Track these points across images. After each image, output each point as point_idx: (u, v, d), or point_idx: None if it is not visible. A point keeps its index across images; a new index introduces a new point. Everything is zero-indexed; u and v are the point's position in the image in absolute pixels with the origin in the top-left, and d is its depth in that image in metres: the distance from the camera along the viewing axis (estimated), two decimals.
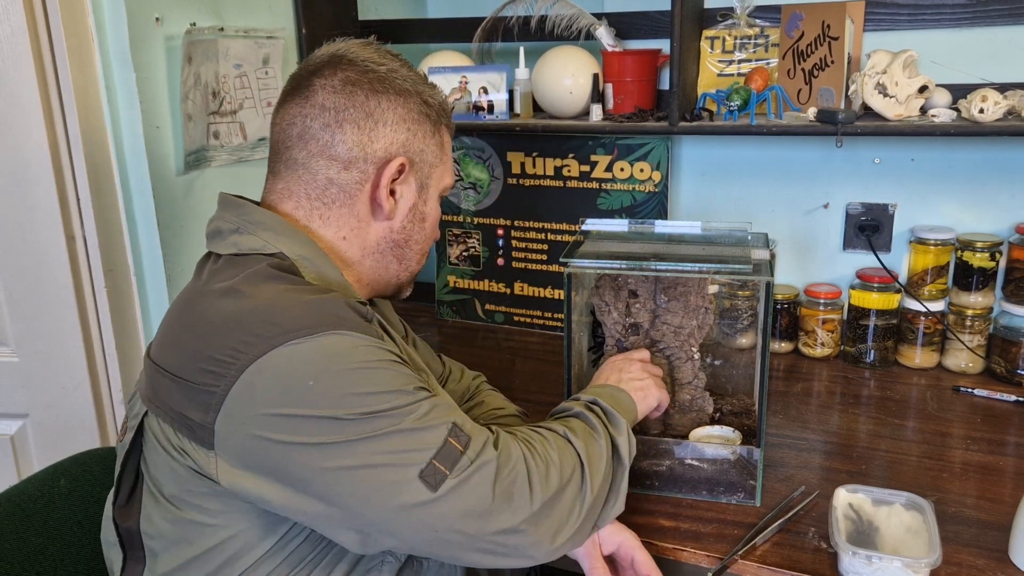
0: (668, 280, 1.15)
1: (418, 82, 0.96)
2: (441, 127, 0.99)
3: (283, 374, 0.74)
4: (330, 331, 0.77)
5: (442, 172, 1.00)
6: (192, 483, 0.79)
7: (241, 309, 0.78)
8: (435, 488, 0.76)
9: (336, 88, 0.91)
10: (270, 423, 0.74)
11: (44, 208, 1.30)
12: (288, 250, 0.88)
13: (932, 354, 1.56)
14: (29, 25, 1.23)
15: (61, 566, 0.97)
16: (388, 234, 0.96)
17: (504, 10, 1.67)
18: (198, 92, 1.40)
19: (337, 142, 0.90)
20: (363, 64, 0.92)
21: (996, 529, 1.04)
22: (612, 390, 1.04)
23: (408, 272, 1.01)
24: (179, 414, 0.78)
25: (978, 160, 1.54)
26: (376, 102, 0.91)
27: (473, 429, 0.82)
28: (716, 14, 1.58)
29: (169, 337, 0.84)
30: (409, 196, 0.96)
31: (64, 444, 1.39)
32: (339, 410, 0.74)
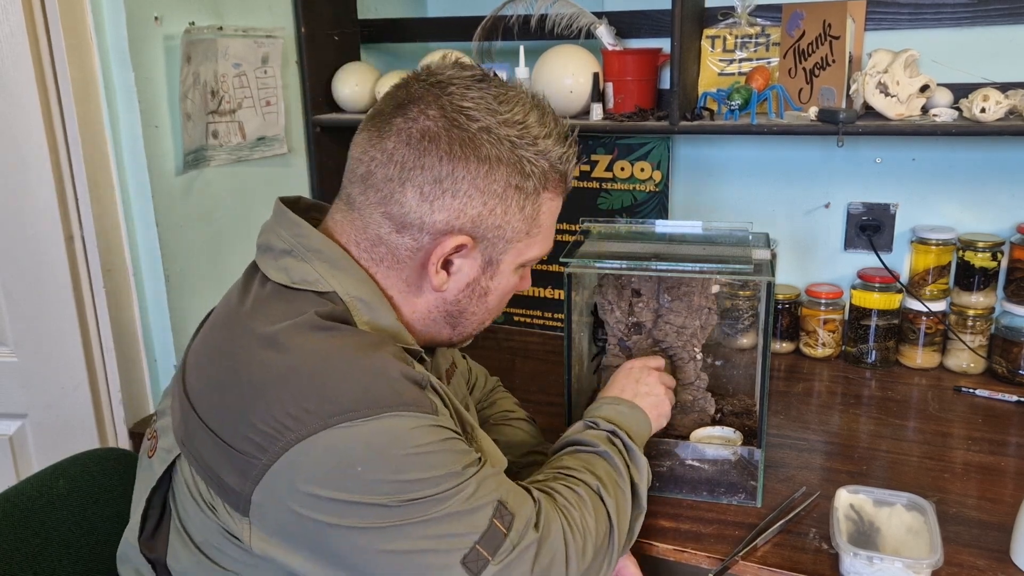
0: (672, 280, 1.14)
1: (519, 144, 0.81)
2: (540, 196, 0.84)
3: (331, 457, 0.70)
4: (383, 413, 0.71)
5: (526, 246, 0.87)
6: (222, 539, 0.76)
7: (285, 369, 0.72)
8: (477, 575, 0.73)
9: (412, 139, 0.79)
10: (312, 503, 0.70)
11: (43, 208, 1.30)
12: (342, 289, 0.80)
13: (933, 354, 1.56)
14: (28, 25, 1.23)
15: (60, 566, 0.96)
16: (440, 304, 0.87)
17: (504, 9, 1.67)
18: (197, 91, 1.40)
19: (395, 201, 0.80)
20: (453, 115, 0.79)
21: (997, 530, 1.04)
22: (629, 409, 1.01)
23: (462, 336, 0.92)
24: (215, 473, 0.73)
25: (979, 160, 1.54)
26: (450, 168, 0.79)
27: (516, 504, 0.77)
28: (717, 13, 1.58)
29: (209, 379, 0.77)
30: (469, 271, 0.85)
31: (63, 444, 1.38)
32: (385, 497, 0.70)
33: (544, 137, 0.83)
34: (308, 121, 1.71)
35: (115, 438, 1.43)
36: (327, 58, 1.73)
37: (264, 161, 1.60)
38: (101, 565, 1.00)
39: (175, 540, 0.80)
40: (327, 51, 1.73)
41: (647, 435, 1.02)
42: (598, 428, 0.97)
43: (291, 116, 1.67)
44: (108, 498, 1.03)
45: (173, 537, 0.80)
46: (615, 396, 1.03)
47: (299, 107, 1.70)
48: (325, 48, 1.72)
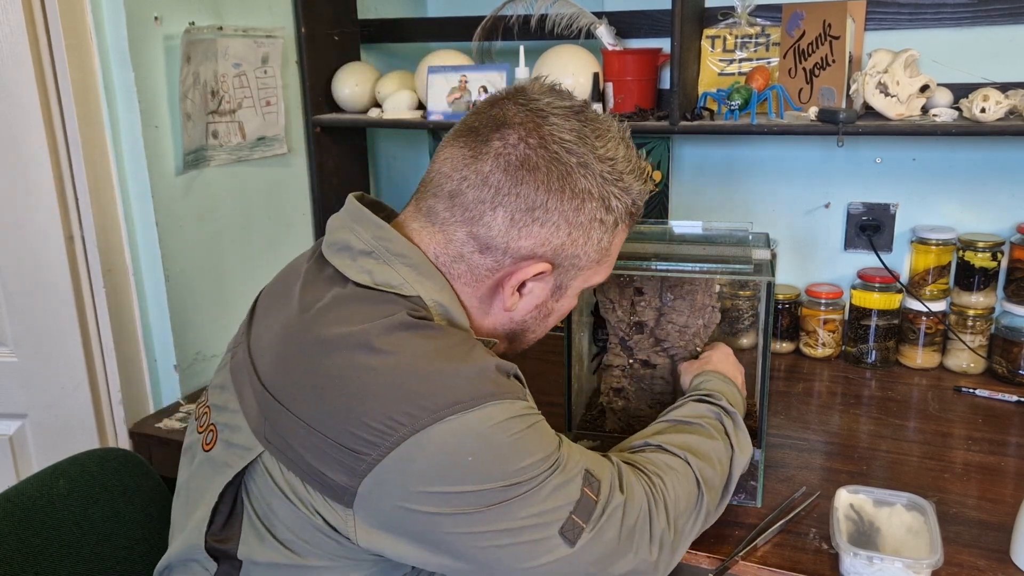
0: (674, 279, 1.14)
1: (609, 180, 0.83)
2: (618, 230, 0.87)
3: (443, 451, 0.72)
4: (486, 402, 0.74)
5: (592, 273, 0.89)
6: (315, 534, 0.76)
7: (390, 370, 0.74)
8: (573, 543, 0.76)
9: (510, 165, 0.80)
10: (423, 497, 0.72)
11: (43, 208, 1.30)
12: (426, 294, 0.81)
13: (933, 354, 1.56)
14: (28, 25, 1.23)
15: (60, 566, 0.96)
16: (506, 322, 0.89)
17: (504, 9, 1.67)
18: (197, 91, 1.40)
19: (484, 223, 0.81)
20: (554, 146, 0.80)
21: (997, 530, 1.04)
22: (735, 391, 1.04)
23: (515, 351, 0.95)
24: (315, 470, 0.73)
25: (979, 160, 1.54)
26: (544, 198, 0.80)
27: (599, 469, 0.81)
28: (717, 13, 1.58)
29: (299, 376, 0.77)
30: (540, 295, 0.87)
31: (63, 444, 1.38)
32: (493, 483, 0.73)
33: (629, 173, 0.85)
34: (308, 121, 1.71)
35: (115, 438, 1.43)
36: (327, 58, 1.73)
37: (264, 161, 1.60)
38: (101, 564, 1.00)
39: (249, 534, 0.80)
40: (327, 51, 1.73)
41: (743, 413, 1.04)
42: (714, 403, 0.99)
43: (291, 116, 1.67)
44: (108, 498, 1.03)
45: (247, 531, 0.80)
46: (720, 372, 1.06)
47: (299, 107, 1.70)
48: (325, 48, 1.72)
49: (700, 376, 1.06)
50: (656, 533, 0.82)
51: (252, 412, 0.79)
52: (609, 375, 1.21)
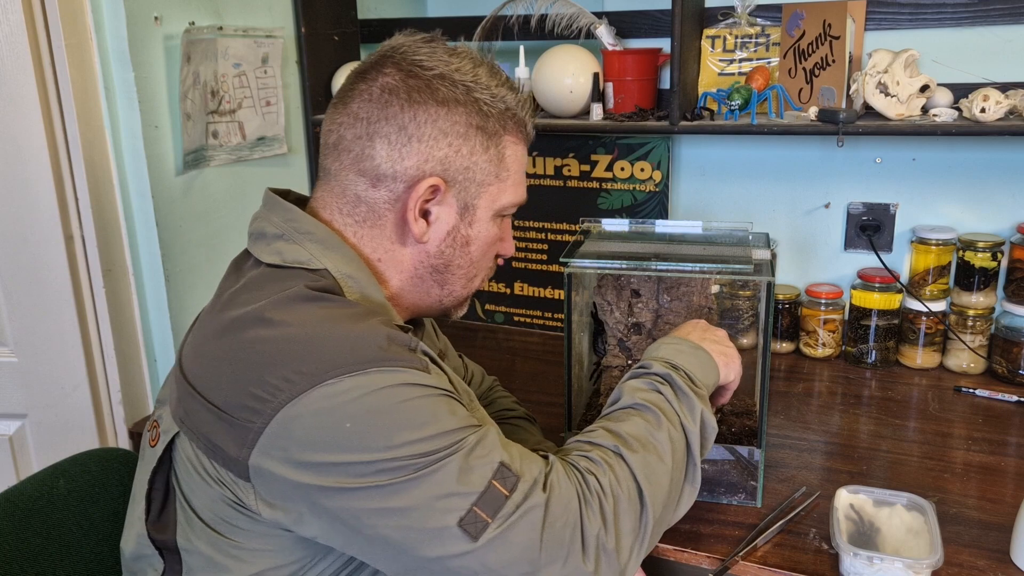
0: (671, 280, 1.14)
1: (473, 88, 0.85)
2: (503, 138, 0.87)
3: (320, 416, 0.70)
4: (370, 367, 0.72)
5: (498, 191, 0.88)
6: (230, 511, 0.77)
7: (279, 339, 0.74)
8: (475, 538, 0.70)
9: (373, 96, 0.84)
10: (307, 467, 0.71)
11: (43, 208, 1.30)
12: (334, 267, 0.83)
13: (933, 354, 1.56)
14: (28, 25, 1.23)
15: (60, 566, 0.96)
16: (424, 258, 0.88)
17: (504, 9, 1.67)
18: (197, 91, 1.40)
19: (367, 156, 0.84)
20: (409, 67, 0.84)
21: (997, 530, 1.04)
22: (691, 348, 0.94)
23: (453, 297, 0.92)
24: (214, 444, 0.75)
25: (979, 160, 1.54)
26: (412, 114, 0.83)
27: (523, 466, 0.75)
28: (717, 13, 1.58)
29: (204, 357, 0.79)
30: (447, 219, 0.87)
31: (63, 444, 1.38)
32: (375, 454, 0.70)
33: (495, 85, 0.87)
34: (308, 121, 1.71)
35: (115, 438, 1.43)
36: (327, 58, 1.73)
37: (264, 161, 1.60)
38: (101, 565, 1.00)
39: (182, 519, 0.81)
40: (327, 51, 1.73)
41: (713, 380, 0.94)
42: (648, 373, 0.90)
43: (291, 116, 1.67)
44: (108, 498, 1.03)
45: (180, 516, 0.81)
46: (677, 336, 0.97)
47: (299, 107, 1.70)
48: (325, 48, 1.72)
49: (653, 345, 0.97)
50: (590, 540, 0.75)
51: (173, 398, 0.81)
52: (608, 376, 1.21)
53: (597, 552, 0.75)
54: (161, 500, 0.83)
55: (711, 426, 0.89)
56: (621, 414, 0.87)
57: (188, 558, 0.81)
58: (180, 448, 0.80)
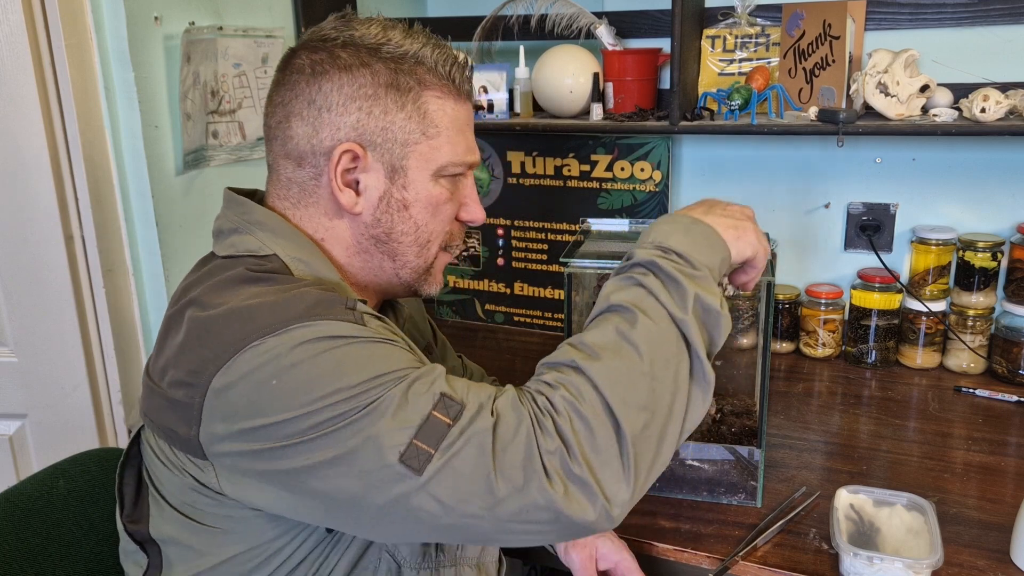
0: None
1: (382, 48, 0.83)
2: (421, 94, 0.83)
3: (246, 379, 0.70)
4: (292, 324, 0.70)
5: (429, 149, 0.84)
6: (196, 496, 0.77)
7: (212, 317, 0.74)
8: (419, 471, 0.66)
9: (284, 80, 0.85)
10: (243, 433, 0.70)
11: (43, 208, 1.30)
12: (283, 251, 0.82)
13: (933, 354, 1.56)
14: (28, 25, 1.23)
15: (60, 567, 0.96)
16: (363, 229, 0.85)
17: (504, 9, 1.67)
18: (197, 91, 1.40)
19: (288, 138, 0.84)
20: (312, 43, 0.85)
21: (997, 530, 1.04)
22: (688, 224, 0.81)
23: (410, 268, 0.88)
24: (169, 429, 0.75)
25: (979, 160, 1.54)
26: (317, 86, 0.82)
27: (468, 395, 0.70)
28: (717, 13, 1.58)
29: (158, 349, 0.80)
30: (376, 184, 0.84)
31: (63, 444, 1.38)
32: (305, 407, 0.68)
33: (411, 44, 0.84)
34: None
35: (115, 438, 1.43)
36: None
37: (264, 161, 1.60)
38: (101, 565, 1.00)
39: (154, 509, 0.82)
40: None
41: (718, 257, 0.80)
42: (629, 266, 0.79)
43: None
44: (108, 498, 1.03)
45: (153, 508, 0.82)
46: (673, 214, 0.85)
47: None
48: None
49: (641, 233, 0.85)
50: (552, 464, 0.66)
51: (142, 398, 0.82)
52: None
53: (564, 478, 0.67)
54: (133, 494, 0.85)
55: (714, 310, 0.75)
56: (593, 324, 0.77)
57: (166, 549, 0.81)
58: (147, 441, 0.82)
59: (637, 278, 0.77)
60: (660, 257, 0.77)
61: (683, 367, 0.73)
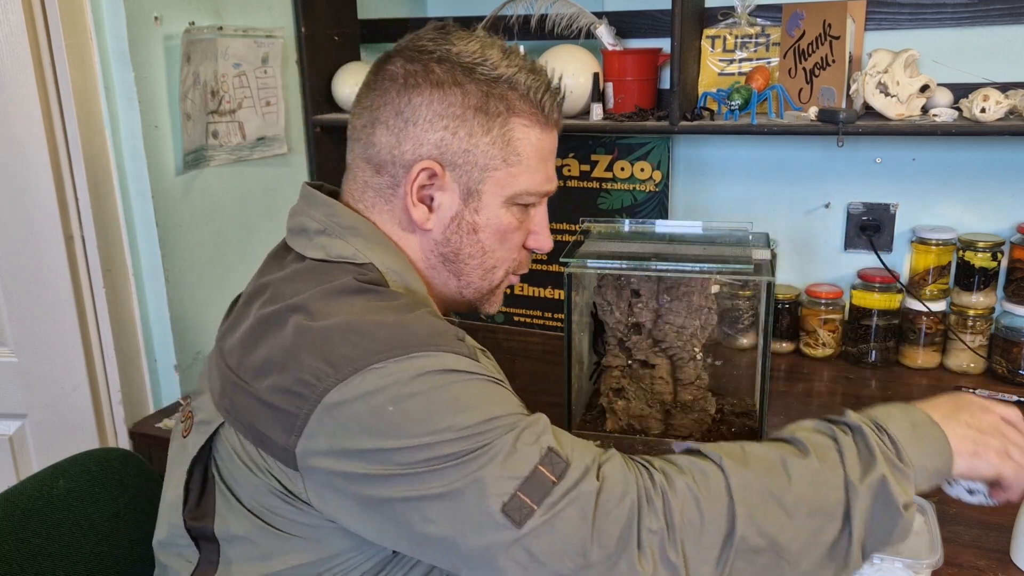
0: (671, 280, 1.14)
1: (478, 68, 0.82)
2: (509, 120, 0.83)
3: (362, 401, 0.69)
4: (414, 352, 0.70)
5: (507, 176, 0.84)
6: (276, 501, 0.76)
7: (324, 328, 0.73)
8: (520, 524, 0.66)
9: (377, 84, 0.85)
10: (352, 455, 0.70)
11: (43, 208, 1.30)
12: (379, 261, 0.82)
13: (934, 354, 1.56)
14: (28, 25, 1.23)
15: (60, 567, 0.96)
16: (432, 246, 0.86)
17: (504, 9, 1.67)
18: (197, 91, 1.40)
19: (371, 144, 0.84)
20: (410, 52, 0.84)
21: (997, 530, 1.04)
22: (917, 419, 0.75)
23: (473, 289, 0.89)
24: (262, 433, 0.74)
25: (979, 160, 1.54)
26: (407, 98, 0.82)
27: (575, 453, 0.70)
28: (717, 13, 1.58)
29: (250, 347, 0.77)
30: (450, 204, 0.84)
31: (63, 444, 1.38)
32: (418, 439, 0.68)
33: (507, 66, 0.83)
34: (308, 121, 1.71)
35: (115, 438, 1.43)
36: (327, 58, 1.73)
37: (264, 161, 1.60)
38: (101, 565, 1.00)
39: (223, 508, 0.80)
40: (327, 51, 1.73)
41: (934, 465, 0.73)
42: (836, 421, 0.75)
43: (291, 116, 1.67)
44: (108, 498, 1.03)
45: (221, 506, 0.80)
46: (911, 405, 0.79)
47: (299, 107, 1.70)
48: (325, 48, 1.72)
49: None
50: (648, 541, 0.66)
51: (216, 389, 0.80)
52: (608, 376, 1.21)
53: (656, 559, 0.66)
54: (199, 490, 0.82)
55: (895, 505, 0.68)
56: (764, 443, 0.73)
57: (227, 548, 0.80)
58: (224, 438, 0.79)
59: (834, 431, 0.73)
60: (870, 430, 0.73)
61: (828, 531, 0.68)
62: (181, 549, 0.83)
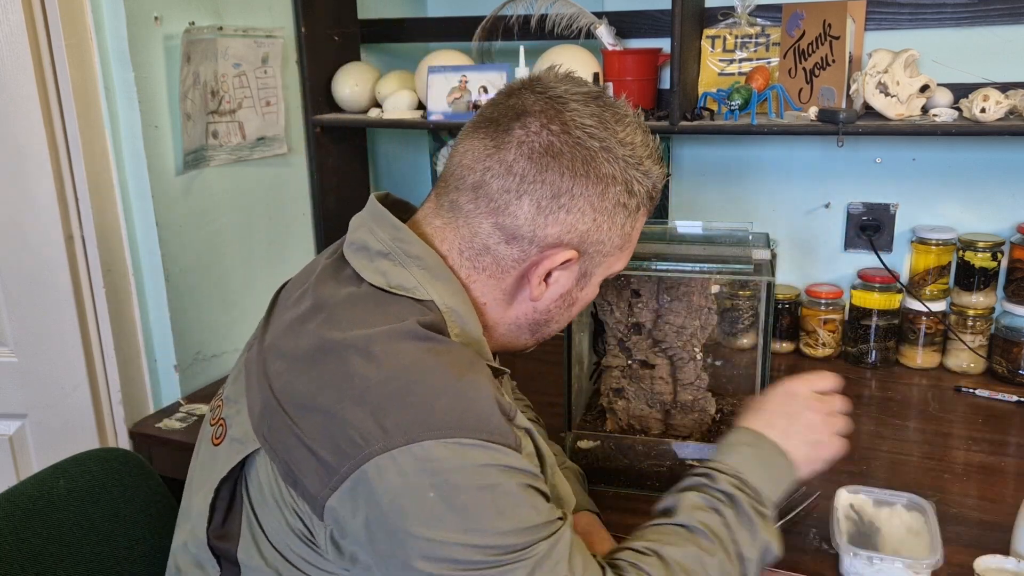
0: (671, 280, 1.14)
1: (631, 164, 0.81)
2: (639, 215, 0.85)
3: (406, 476, 0.68)
4: (467, 440, 0.69)
5: (615, 261, 0.86)
6: (298, 543, 0.75)
7: (384, 382, 0.71)
8: None
9: (533, 152, 0.79)
10: (378, 525, 0.69)
11: (43, 208, 1.30)
12: (440, 299, 0.79)
13: (933, 354, 1.56)
14: (28, 25, 1.23)
15: (60, 567, 0.96)
16: (531, 314, 0.86)
17: (504, 9, 1.67)
18: (197, 91, 1.40)
19: (509, 213, 0.79)
20: (577, 131, 0.79)
21: (998, 530, 1.04)
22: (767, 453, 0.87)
23: (537, 342, 0.91)
24: (295, 474, 0.72)
25: (979, 160, 1.54)
26: (570, 184, 0.79)
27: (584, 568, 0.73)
28: (717, 13, 1.58)
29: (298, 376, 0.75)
30: (565, 283, 0.84)
31: (63, 444, 1.38)
32: (449, 535, 0.68)
33: (648, 157, 0.83)
34: (308, 121, 1.71)
35: (115, 438, 1.43)
36: (327, 58, 1.73)
37: (264, 161, 1.60)
38: (101, 565, 1.00)
39: (247, 534, 0.79)
40: (327, 51, 1.73)
41: (784, 486, 0.87)
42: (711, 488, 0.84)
43: (291, 116, 1.67)
44: (108, 498, 1.03)
45: (246, 531, 0.79)
46: (758, 433, 0.89)
47: (299, 107, 1.70)
48: (325, 48, 1.72)
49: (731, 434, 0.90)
50: None
51: (256, 408, 0.78)
52: (608, 376, 1.21)
53: None
54: (225, 510, 0.81)
55: (772, 553, 0.84)
56: (672, 533, 0.82)
57: (249, 573, 0.79)
58: (258, 464, 0.77)
59: (717, 505, 0.83)
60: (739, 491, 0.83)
61: None
62: (203, 562, 0.82)
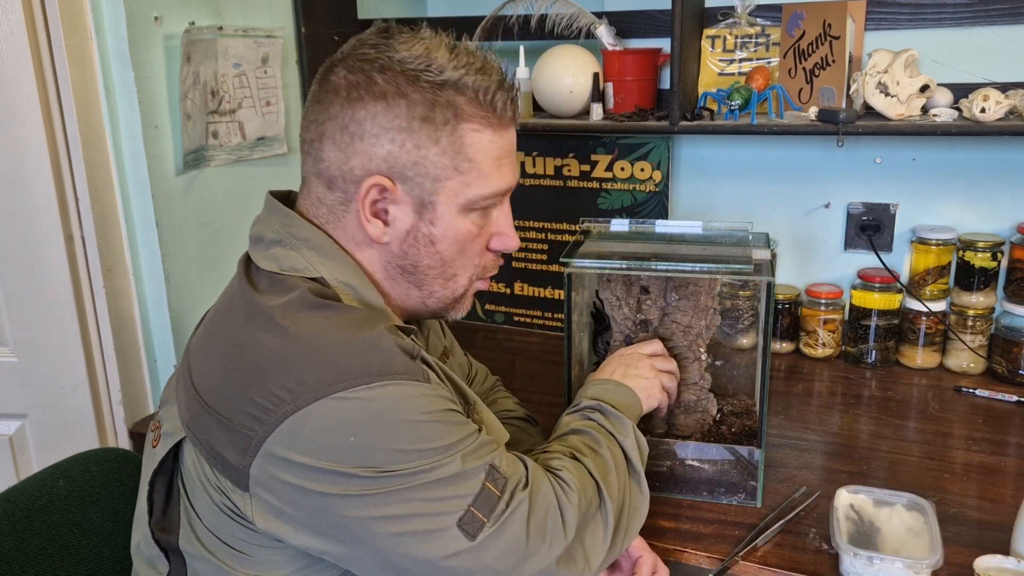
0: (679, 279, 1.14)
1: (422, 75, 0.79)
2: (458, 127, 0.81)
3: (324, 428, 0.71)
4: (374, 383, 0.73)
5: (460, 184, 0.82)
6: (230, 522, 0.77)
7: (283, 347, 0.74)
8: (473, 536, 0.74)
9: (321, 98, 0.83)
10: (306, 474, 0.72)
11: (43, 208, 1.30)
12: (330, 274, 0.82)
13: (933, 354, 1.56)
14: (28, 25, 1.23)
15: (60, 567, 0.96)
16: (390, 259, 0.85)
17: (504, 9, 1.67)
18: (197, 91, 1.40)
19: (321, 159, 0.83)
20: (352, 63, 0.82)
21: (998, 530, 1.04)
22: (614, 387, 1.01)
23: (436, 298, 0.89)
24: (217, 452, 0.75)
25: (979, 160, 1.54)
26: (351, 113, 0.80)
27: (508, 468, 0.79)
28: (717, 13, 1.58)
29: (208, 362, 0.79)
30: (404, 218, 0.83)
31: (63, 444, 1.38)
32: (376, 468, 0.72)
33: (453, 69, 0.80)
34: None
35: (115, 438, 1.43)
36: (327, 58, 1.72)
37: (264, 161, 1.60)
38: (101, 565, 1.00)
39: (186, 523, 0.81)
40: (327, 51, 1.70)
41: (637, 410, 1.01)
42: (579, 408, 0.99)
43: (291, 116, 1.67)
44: (108, 498, 1.03)
45: (184, 520, 0.81)
46: (602, 378, 1.04)
47: (299, 107, 1.70)
48: (325, 48, 1.72)
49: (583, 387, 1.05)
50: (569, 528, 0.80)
51: (181, 402, 0.81)
52: None
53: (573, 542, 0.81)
54: (163, 502, 0.84)
55: (643, 443, 0.96)
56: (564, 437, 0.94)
57: (192, 562, 0.81)
58: (187, 453, 0.80)
59: (588, 414, 0.97)
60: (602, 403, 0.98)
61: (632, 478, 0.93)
62: (153, 559, 0.84)
